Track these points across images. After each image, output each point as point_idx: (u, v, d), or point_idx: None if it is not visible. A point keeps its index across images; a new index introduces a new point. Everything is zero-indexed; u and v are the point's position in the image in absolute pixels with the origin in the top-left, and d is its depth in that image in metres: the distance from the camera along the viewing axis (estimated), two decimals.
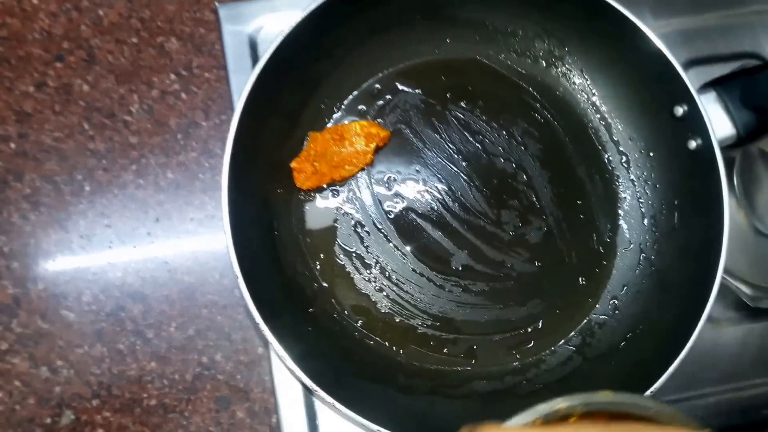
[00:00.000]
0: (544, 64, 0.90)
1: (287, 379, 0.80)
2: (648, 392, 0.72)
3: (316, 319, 0.79)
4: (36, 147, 0.87)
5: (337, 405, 0.69)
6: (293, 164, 0.81)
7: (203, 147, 0.88)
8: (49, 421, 0.80)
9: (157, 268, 0.85)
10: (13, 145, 0.86)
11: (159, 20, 0.91)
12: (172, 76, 0.90)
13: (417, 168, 0.86)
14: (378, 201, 0.85)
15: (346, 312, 0.81)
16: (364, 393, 0.76)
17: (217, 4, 0.91)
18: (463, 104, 0.88)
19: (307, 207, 0.84)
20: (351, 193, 0.85)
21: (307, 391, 0.74)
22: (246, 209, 0.75)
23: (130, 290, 0.84)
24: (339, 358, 0.78)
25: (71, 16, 0.90)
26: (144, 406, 0.82)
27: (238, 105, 0.73)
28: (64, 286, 0.84)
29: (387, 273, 0.83)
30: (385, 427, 0.69)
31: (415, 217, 0.85)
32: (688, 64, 0.88)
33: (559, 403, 0.48)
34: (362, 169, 0.85)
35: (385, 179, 0.85)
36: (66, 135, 0.87)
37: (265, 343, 0.81)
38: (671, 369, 0.72)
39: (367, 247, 0.83)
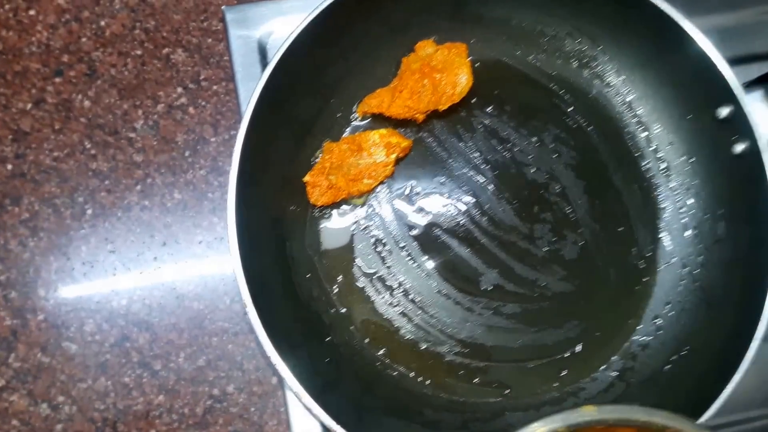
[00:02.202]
0: (576, 65, 0.85)
1: (304, 416, 0.76)
2: (699, 421, 0.66)
3: (334, 349, 0.75)
4: (34, 168, 0.83)
5: None
6: (306, 178, 0.76)
7: (212, 164, 0.84)
8: None
9: (164, 294, 0.81)
10: (9, 167, 0.82)
11: (164, 31, 0.87)
12: (179, 90, 0.86)
13: (441, 180, 0.81)
14: (400, 217, 0.80)
15: (366, 340, 0.76)
16: (387, 430, 0.72)
17: (223, 7, 0.86)
18: (489, 110, 0.83)
19: (322, 225, 0.79)
20: (370, 209, 0.80)
21: (326, 430, 0.69)
22: (255, 229, 0.71)
23: (135, 319, 0.80)
24: (360, 391, 0.73)
25: (71, 28, 0.86)
26: None
27: (246, 114, 0.69)
28: (66, 317, 0.80)
29: (411, 296, 0.78)
30: None
31: (440, 233, 0.80)
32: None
33: (537, 429, 0.44)
34: (382, 183, 0.80)
35: (407, 193, 0.81)
36: (66, 154, 0.83)
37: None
38: (724, 396, 0.67)
39: (388, 267, 0.79)
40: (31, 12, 0.86)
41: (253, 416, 0.79)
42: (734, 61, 0.80)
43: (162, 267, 0.81)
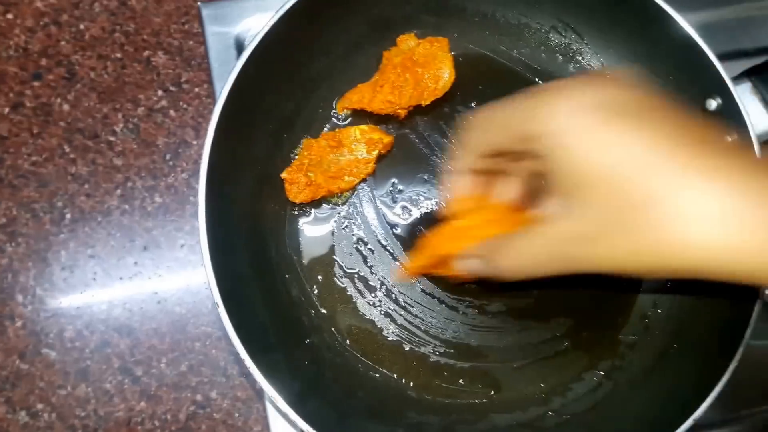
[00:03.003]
0: (561, 59, 0.83)
1: (284, 423, 0.75)
2: (689, 421, 0.65)
3: (314, 352, 0.73)
4: (12, 172, 0.82)
5: None
6: (284, 175, 0.74)
7: (194, 167, 0.83)
8: None
9: (145, 299, 0.80)
10: None
11: (145, 33, 0.86)
12: (160, 93, 0.85)
13: (424, 177, 0.79)
14: (382, 215, 0.78)
15: (348, 342, 0.74)
16: None
17: (199, 3, 0.85)
18: (473, 105, 0.81)
19: (301, 223, 0.77)
20: (351, 207, 0.78)
21: None
22: (231, 229, 0.69)
23: (116, 324, 0.79)
24: (341, 395, 0.72)
25: (50, 32, 0.85)
26: None
27: (216, 109, 0.67)
28: (45, 323, 0.79)
29: (394, 295, 0.76)
30: None
31: (424, 231, 0.78)
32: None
33: None
34: (363, 180, 0.78)
35: (389, 190, 0.79)
36: (45, 159, 0.82)
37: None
38: (714, 393, 0.66)
39: (370, 267, 0.77)
40: (9, 16, 0.86)
41: (237, 422, 0.78)
42: (723, 57, 0.79)
43: (143, 271, 0.80)
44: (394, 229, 0.78)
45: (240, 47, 0.83)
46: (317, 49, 0.77)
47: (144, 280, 0.80)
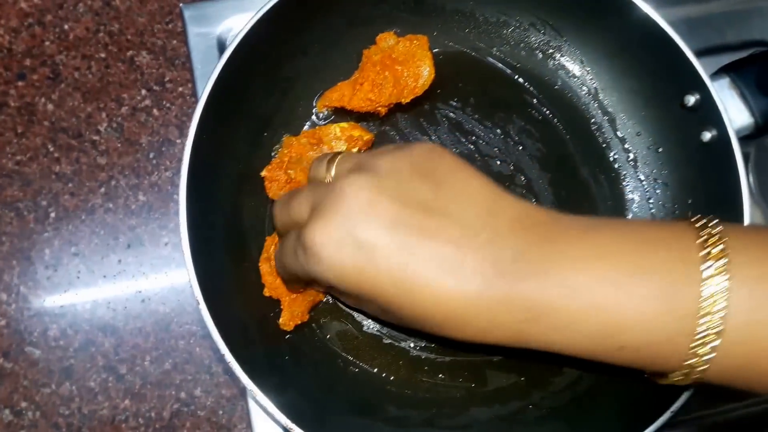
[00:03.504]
0: (540, 56, 0.83)
1: (265, 419, 0.75)
2: (669, 412, 0.65)
3: (293, 347, 0.73)
4: None
5: None
6: (264, 173, 0.74)
7: (177, 166, 0.83)
8: None
9: (129, 298, 0.80)
10: None
11: (129, 33, 0.87)
12: (143, 92, 0.85)
13: None
14: None
15: (328, 336, 0.75)
16: (349, 428, 0.70)
17: (181, 5, 0.85)
18: (453, 102, 0.81)
19: None
20: None
21: (284, 430, 0.67)
22: (211, 226, 0.70)
23: (100, 323, 0.79)
24: (321, 389, 0.72)
25: (34, 32, 0.85)
26: None
27: (198, 108, 0.67)
28: (28, 321, 0.79)
29: None
30: None
31: None
32: (696, 55, 0.82)
33: None
34: None
35: None
36: (29, 158, 0.82)
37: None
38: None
39: None
40: None
41: (221, 420, 0.78)
42: (703, 52, 0.80)
43: (127, 269, 0.81)
44: None
45: (222, 47, 0.83)
46: (297, 48, 0.77)
47: (128, 278, 0.80)
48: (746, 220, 0.69)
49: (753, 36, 0.91)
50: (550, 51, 0.83)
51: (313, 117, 0.80)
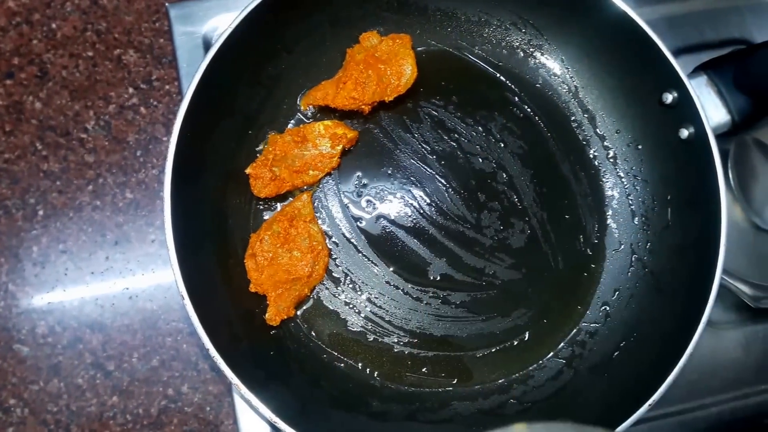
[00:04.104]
0: (522, 55, 0.84)
1: (251, 415, 0.76)
2: (646, 405, 0.66)
3: (279, 342, 0.74)
4: None
5: None
6: (249, 170, 0.75)
7: (164, 163, 0.81)
8: None
9: (117, 295, 0.81)
10: None
11: (116, 32, 0.87)
12: (131, 90, 0.86)
13: (388, 171, 0.81)
14: (346, 208, 0.79)
15: (313, 332, 0.76)
16: (332, 423, 0.71)
17: (167, 4, 0.85)
18: (436, 100, 0.82)
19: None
20: (316, 201, 0.79)
21: (268, 424, 0.68)
22: (196, 223, 0.71)
23: (88, 320, 0.80)
24: (305, 384, 0.73)
25: (22, 31, 0.86)
26: None
27: (182, 106, 0.68)
28: (16, 319, 0.79)
29: (358, 287, 0.77)
30: None
31: (387, 224, 0.79)
32: (675, 53, 0.82)
33: None
34: (328, 174, 0.79)
35: (354, 184, 0.80)
36: (17, 156, 0.83)
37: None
38: (670, 379, 0.67)
39: (335, 259, 0.78)
40: None
41: (208, 416, 0.78)
42: (683, 50, 0.80)
43: (114, 266, 0.81)
44: (358, 223, 0.79)
45: (208, 46, 0.84)
46: (281, 47, 0.78)
47: (115, 275, 0.81)
48: (724, 215, 0.69)
49: (731, 34, 0.92)
50: (531, 50, 0.84)
51: (298, 115, 0.80)
